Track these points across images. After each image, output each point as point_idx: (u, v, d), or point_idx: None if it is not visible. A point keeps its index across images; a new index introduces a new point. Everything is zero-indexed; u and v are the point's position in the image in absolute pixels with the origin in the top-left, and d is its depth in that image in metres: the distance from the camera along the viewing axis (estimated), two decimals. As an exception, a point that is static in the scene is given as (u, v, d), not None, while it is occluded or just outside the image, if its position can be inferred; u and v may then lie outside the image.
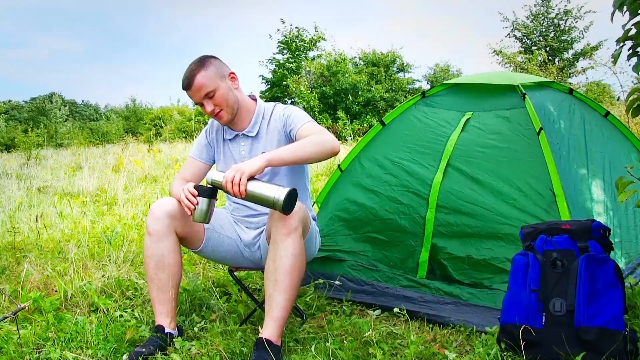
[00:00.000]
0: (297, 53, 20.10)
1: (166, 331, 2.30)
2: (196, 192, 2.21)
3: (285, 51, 20.27)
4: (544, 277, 2.09)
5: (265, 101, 2.62)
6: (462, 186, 2.83)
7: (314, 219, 2.57)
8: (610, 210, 2.87)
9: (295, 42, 19.79)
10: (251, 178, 2.09)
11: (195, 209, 2.21)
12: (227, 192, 2.11)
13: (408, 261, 2.87)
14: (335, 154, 2.26)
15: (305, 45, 20.02)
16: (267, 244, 2.28)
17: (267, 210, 2.38)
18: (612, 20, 1.97)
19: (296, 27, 19.85)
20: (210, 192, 2.21)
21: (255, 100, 2.57)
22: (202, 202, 2.21)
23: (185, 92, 2.43)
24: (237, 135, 2.54)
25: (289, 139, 2.44)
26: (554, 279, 2.07)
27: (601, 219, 2.75)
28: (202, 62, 2.40)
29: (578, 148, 2.94)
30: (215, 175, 2.21)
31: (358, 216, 3.08)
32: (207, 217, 2.24)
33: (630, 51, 2.08)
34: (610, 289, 2.01)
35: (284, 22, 20.24)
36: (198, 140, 2.65)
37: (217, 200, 2.28)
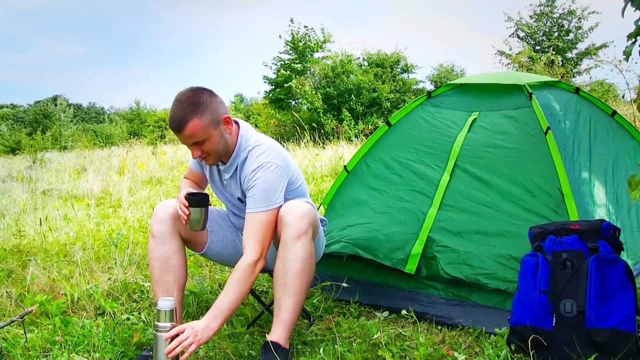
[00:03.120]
0: (303, 54, 19.99)
1: (173, 334, 2.28)
2: (187, 203, 2.25)
3: (291, 51, 20.19)
4: (554, 277, 2.07)
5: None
6: (469, 187, 2.81)
7: (323, 222, 2.54)
8: (613, 214, 2.83)
9: (304, 41, 19.68)
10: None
11: (188, 218, 2.25)
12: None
13: (397, 252, 2.73)
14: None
15: (312, 46, 19.93)
16: (275, 247, 2.26)
17: None
18: (623, 15, 1.94)
19: (304, 26, 19.77)
20: (199, 202, 2.26)
21: (238, 132, 2.31)
22: (194, 212, 2.27)
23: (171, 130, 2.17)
24: (221, 161, 2.35)
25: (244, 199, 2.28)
26: (564, 280, 2.05)
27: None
28: (197, 104, 2.10)
29: (582, 150, 2.91)
30: (161, 316, 1.96)
31: (361, 213, 3.04)
32: (199, 225, 2.30)
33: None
34: (622, 290, 1.99)
35: (292, 22, 20.13)
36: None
37: (210, 205, 2.33)
